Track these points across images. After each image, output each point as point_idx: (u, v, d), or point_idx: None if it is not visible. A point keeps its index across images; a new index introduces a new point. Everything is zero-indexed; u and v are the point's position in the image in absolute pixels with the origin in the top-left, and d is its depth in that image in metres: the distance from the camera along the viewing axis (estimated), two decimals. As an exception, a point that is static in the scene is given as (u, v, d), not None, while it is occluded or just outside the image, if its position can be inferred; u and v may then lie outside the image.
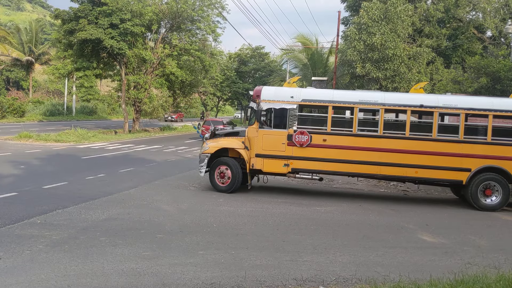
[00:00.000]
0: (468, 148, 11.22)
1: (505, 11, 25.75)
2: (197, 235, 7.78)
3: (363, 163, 11.52)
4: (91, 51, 28.29)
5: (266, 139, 11.77)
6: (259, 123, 11.82)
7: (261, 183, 13.74)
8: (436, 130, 11.34)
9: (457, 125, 11.44)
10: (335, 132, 11.69)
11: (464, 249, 7.81)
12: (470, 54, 25.37)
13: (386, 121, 11.83)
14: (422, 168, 11.34)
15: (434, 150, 11.30)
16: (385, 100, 11.59)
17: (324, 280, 5.98)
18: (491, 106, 11.33)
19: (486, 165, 11.17)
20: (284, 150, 11.67)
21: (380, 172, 11.58)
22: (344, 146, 11.58)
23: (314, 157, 11.60)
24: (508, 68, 19.38)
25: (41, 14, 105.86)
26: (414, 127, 11.74)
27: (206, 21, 32.04)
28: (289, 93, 11.82)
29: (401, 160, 11.38)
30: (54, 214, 8.78)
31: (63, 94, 48.90)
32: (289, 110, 11.65)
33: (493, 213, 11.34)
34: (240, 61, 57.66)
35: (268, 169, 11.93)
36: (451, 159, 11.25)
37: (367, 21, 21.69)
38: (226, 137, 12.48)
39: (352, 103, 11.67)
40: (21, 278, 5.57)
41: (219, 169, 11.99)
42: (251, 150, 11.89)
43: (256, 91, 12.11)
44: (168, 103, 36.27)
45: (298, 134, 11.57)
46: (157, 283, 5.62)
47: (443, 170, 11.30)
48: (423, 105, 11.44)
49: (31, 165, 15.19)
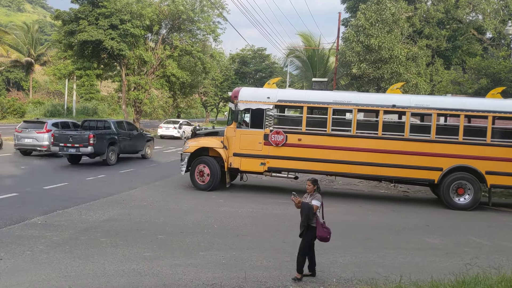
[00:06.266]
0: (440, 147, 11.33)
1: (504, 13, 25.76)
2: (198, 236, 7.78)
3: (337, 162, 11.70)
4: (91, 52, 28.29)
5: (244, 138, 12.05)
6: (236, 123, 12.12)
7: (261, 182, 13.74)
8: (409, 129, 11.45)
9: (429, 125, 11.55)
10: (309, 132, 11.87)
11: (465, 250, 7.80)
12: (470, 55, 25.36)
13: (359, 121, 11.96)
14: (394, 167, 11.47)
15: (406, 150, 11.42)
16: (358, 101, 11.79)
17: (325, 281, 5.97)
18: (463, 106, 11.42)
19: (458, 165, 11.27)
20: (261, 149, 11.93)
21: (353, 171, 11.77)
22: (318, 146, 11.76)
23: (290, 156, 11.83)
24: (508, 69, 19.38)
25: (42, 15, 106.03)
26: (387, 127, 11.87)
27: (206, 21, 32.05)
28: (265, 94, 12.11)
29: (373, 159, 11.54)
30: (54, 215, 8.78)
31: (64, 94, 48.88)
32: (265, 110, 11.92)
33: (493, 213, 11.35)
34: (242, 61, 57.72)
35: (245, 168, 12.21)
36: (423, 159, 11.37)
37: (364, 23, 21.77)
38: (206, 137, 12.88)
39: (326, 104, 11.88)
40: (22, 279, 5.57)
41: (198, 168, 12.29)
42: (229, 149, 12.16)
43: (234, 92, 12.45)
44: (168, 104, 36.29)
45: (274, 133, 11.81)
46: (158, 283, 5.62)
47: (415, 169, 11.43)
48: (395, 105, 11.59)
49: (31, 166, 15.19)
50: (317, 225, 5.84)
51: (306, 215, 5.83)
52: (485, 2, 25.17)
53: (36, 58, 51.67)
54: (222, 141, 12.30)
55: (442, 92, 22.03)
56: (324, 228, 5.86)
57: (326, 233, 5.83)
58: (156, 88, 33.57)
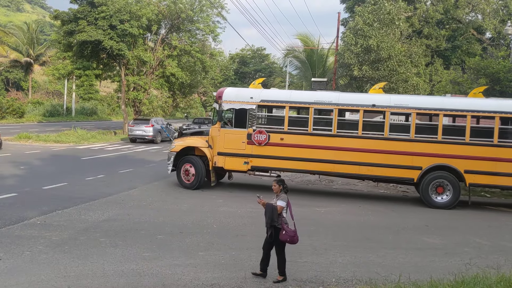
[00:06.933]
0: (419, 146, 11.40)
1: (504, 13, 25.77)
2: (197, 236, 7.78)
3: (318, 161, 11.82)
4: (90, 52, 28.25)
5: (228, 138, 12.22)
6: (221, 122, 12.32)
7: (260, 182, 13.74)
8: (388, 129, 11.52)
9: (409, 124, 11.61)
10: (291, 131, 11.99)
11: (464, 250, 7.81)
12: (469, 55, 25.36)
13: (340, 120, 12.06)
14: (374, 166, 11.55)
15: (385, 149, 11.50)
16: (339, 100, 11.91)
17: (324, 281, 5.98)
18: (442, 105, 11.48)
19: (437, 164, 11.32)
20: (244, 148, 12.10)
21: (334, 169, 11.90)
22: (300, 145, 11.88)
23: (272, 155, 11.99)
24: (507, 69, 19.38)
25: (41, 15, 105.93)
26: (367, 126, 11.98)
27: (205, 21, 32.02)
28: (249, 94, 12.32)
29: (354, 158, 11.64)
30: (54, 215, 8.78)
31: (63, 95, 48.83)
32: (248, 110, 12.12)
33: (493, 213, 11.36)
34: (241, 61, 57.74)
35: (229, 167, 12.40)
36: (403, 157, 11.44)
37: (362, 26, 21.81)
38: (192, 136, 13.21)
39: (307, 103, 12.05)
40: (21, 279, 5.57)
41: (184, 167, 12.49)
42: (214, 148, 12.33)
43: (219, 92, 12.67)
44: (167, 104, 36.25)
45: (257, 133, 11.98)
46: (157, 284, 5.62)
47: (395, 168, 11.51)
48: (375, 105, 11.69)
49: (31, 166, 15.18)
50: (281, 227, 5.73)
51: (270, 216, 5.76)
52: (485, 2, 25.17)
53: (35, 58, 51.61)
54: (207, 141, 12.52)
55: (441, 92, 22.02)
56: (285, 230, 5.70)
57: (286, 236, 5.68)
58: (156, 88, 33.54)
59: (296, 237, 5.78)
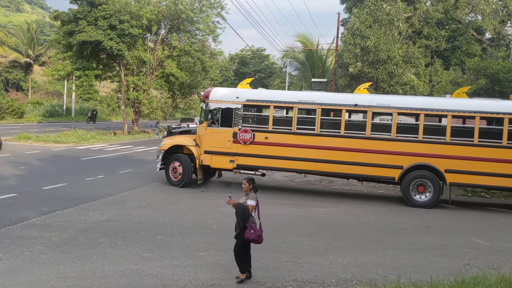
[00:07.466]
0: (400, 146, 11.47)
1: (504, 13, 25.77)
2: (197, 237, 7.78)
3: (302, 160, 11.96)
4: (90, 52, 28.26)
5: (214, 136, 12.43)
6: (207, 122, 12.50)
7: (260, 182, 13.73)
8: (370, 128, 11.59)
9: (390, 124, 11.69)
10: (275, 130, 12.13)
11: (464, 250, 7.81)
12: (469, 56, 25.35)
13: (323, 119, 12.16)
14: (357, 165, 11.64)
15: (367, 148, 11.57)
16: (322, 100, 12.06)
17: (324, 281, 5.98)
18: (423, 105, 11.53)
19: (418, 163, 11.38)
20: (230, 147, 12.30)
21: (317, 168, 12.03)
22: (284, 144, 12.01)
23: (257, 154, 12.15)
24: (507, 69, 19.39)
25: (41, 15, 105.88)
26: (349, 125, 12.09)
27: (205, 21, 32.03)
28: (235, 94, 12.54)
29: (336, 157, 11.74)
30: (53, 215, 8.77)
31: (63, 95, 48.82)
32: (234, 109, 12.32)
33: (492, 213, 11.37)
34: (241, 62, 57.75)
35: (215, 165, 12.59)
36: (384, 157, 11.51)
37: (360, 27, 21.83)
38: (180, 135, 13.43)
39: (291, 103, 12.25)
40: (21, 279, 5.57)
41: (173, 165, 12.73)
42: (201, 147, 12.53)
43: (206, 92, 12.92)
44: (167, 104, 36.23)
45: (242, 132, 12.15)
46: (157, 284, 5.62)
47: (376, 167, 11.58)
48: (357, 105, 11.78)
49: (30, 166, 15.17)
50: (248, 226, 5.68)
51: (241, 216, 5.72)
52: (484, 3, 25.18)
53: (35, 59, 51.60)
54: (194, 139, 12.72)
55: (441, 92, 22.04)
56: (252, 229, 5.66)
57: (253, 235, 5.63)
58: (155, 88, 33.54)
59: (262, 237, 5.75)
